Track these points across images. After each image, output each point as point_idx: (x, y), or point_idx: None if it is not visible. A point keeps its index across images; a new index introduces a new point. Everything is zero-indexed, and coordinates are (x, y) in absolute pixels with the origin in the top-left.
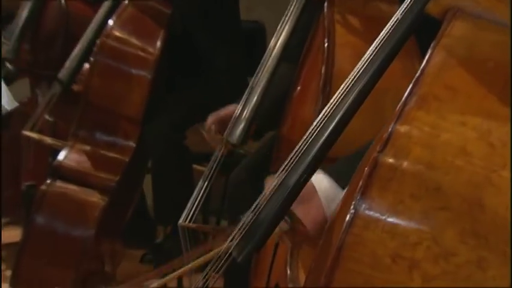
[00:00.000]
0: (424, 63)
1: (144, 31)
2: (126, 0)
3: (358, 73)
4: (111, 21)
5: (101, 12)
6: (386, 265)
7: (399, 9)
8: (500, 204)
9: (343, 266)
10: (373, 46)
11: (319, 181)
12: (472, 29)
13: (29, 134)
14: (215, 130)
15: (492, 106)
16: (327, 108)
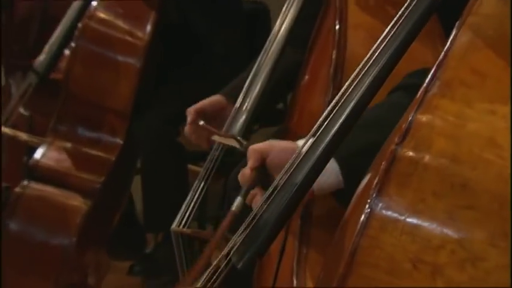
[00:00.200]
0: (448, 44)
1: (133, 13)
2: None
3: (372, 58)
4: (94, 2)
5: None
6: (406, 271)
7: None
8: None
9: (357, 272)
10: (389, 27)
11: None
12: (502, 7)
13: (2, 129)
14: (195, 119)
15: None
16: (337, 98)
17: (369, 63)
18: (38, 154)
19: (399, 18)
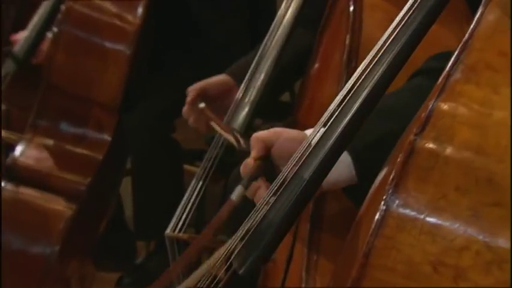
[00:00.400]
0: (473, 24)
1: None
2: None
3: (389, 40)
4: None
5: None
6: (425, 275)
7: None
8: None
9: (372, 275)
10: (407, 7)
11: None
12: None
13: None
14: (195, 100)
15: None
16: (350, 83)
17: (384, 47)
18: (16, 152)
19: None
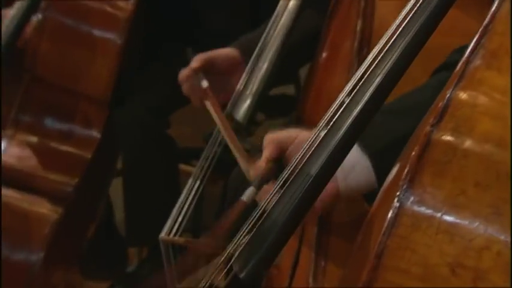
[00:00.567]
0: (494, 6)
1: None
2: None
3: (403, 24)
4: None
5: None
6: (442, 277)
7: None
8: None
9: (384, 278)
10: None
11: None
12: None
13: None
14: (198, 70)
15: None
16: (359, 73)
17: (398, 33)
18: None
19: None
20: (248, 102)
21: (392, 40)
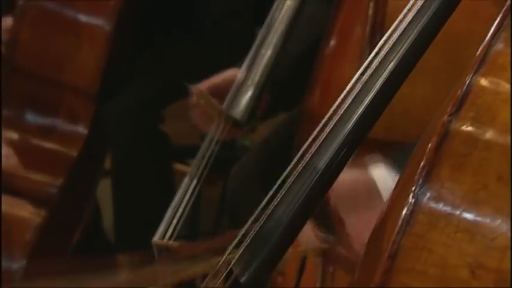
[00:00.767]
0: None
1: None
2: None
3: (419, 4)
4: None
5: None
6: (461, 279)
7: None
8: None
9: (398, 280)
10: None
11: (383, 175)
12: None
13: None
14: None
15: None
16: (370, 59)
17: (412, 15)
18: None
19: None
20: (249, 93)
21: (407, 22)
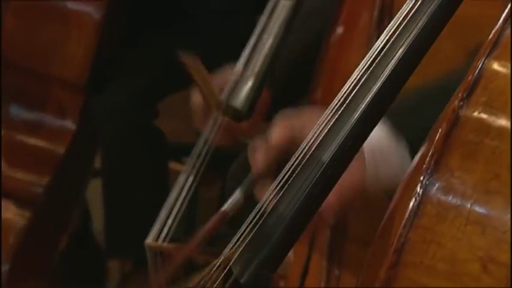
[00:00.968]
0: None
1: None
2: None
3: None
4: None
5: None
6: (472, 275)
7: None
8: None
9: (405, 276)
10: None
11: None
12: None
13: None
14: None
15: None
16: (378, 44)
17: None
18: None
19: None
20: (249, 84)
21: (418, 5)
